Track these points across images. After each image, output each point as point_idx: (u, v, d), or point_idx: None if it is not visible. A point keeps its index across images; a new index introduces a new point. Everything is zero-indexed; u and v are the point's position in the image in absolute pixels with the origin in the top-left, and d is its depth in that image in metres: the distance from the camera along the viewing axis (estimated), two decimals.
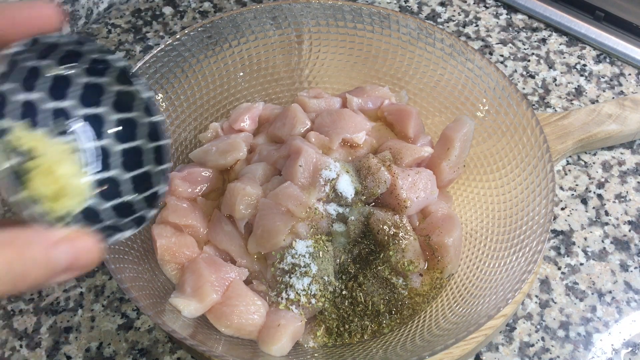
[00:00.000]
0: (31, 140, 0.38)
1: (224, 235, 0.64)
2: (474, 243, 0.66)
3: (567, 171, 0.80)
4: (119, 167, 0.44)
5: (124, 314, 0.68)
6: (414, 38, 0.74)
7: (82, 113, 0.43)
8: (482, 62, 0.70)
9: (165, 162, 0.44)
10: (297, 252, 0.60)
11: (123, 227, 0.41)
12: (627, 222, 0.75)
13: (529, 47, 0.93)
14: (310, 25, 0.76)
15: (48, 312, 0.68)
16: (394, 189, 0.63)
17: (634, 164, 0.80)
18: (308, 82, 0.80)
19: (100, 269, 0.71)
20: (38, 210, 0.36)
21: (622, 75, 0.89)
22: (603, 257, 0.72)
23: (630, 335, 0.66)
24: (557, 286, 0.70)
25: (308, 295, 0.59)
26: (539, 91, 0.88)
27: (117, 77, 0.42)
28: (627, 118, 0.79)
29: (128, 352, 0.65)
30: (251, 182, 0.64)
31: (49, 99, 0.41)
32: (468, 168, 0.71)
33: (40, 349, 0.65)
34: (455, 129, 0.67)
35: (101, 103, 0.43)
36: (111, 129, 0.44)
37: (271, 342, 0.57)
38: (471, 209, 0.69)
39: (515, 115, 0.67)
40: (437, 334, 0.56)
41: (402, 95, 0.76)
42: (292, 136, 0.68)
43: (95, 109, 0.43)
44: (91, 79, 0.42)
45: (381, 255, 0.62)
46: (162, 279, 0.61)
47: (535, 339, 0.66)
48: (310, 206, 0.61)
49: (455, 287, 0.63)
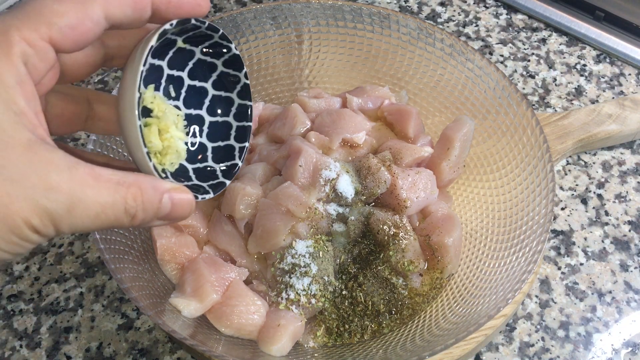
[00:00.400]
0: (157, 103, 0.46)
1: (224, 235, 0.64)
2: (474, 243, 0.66)
3: (567, 171, 0.80)
4: (209, 136, 0.52)
5: (124, 314, 0.68)
6: (414, 38, 0.74)
7: (192, 84, 0.50)
8: (482, 62, 0.70)
9: (246, 140, 0.52)
10: (297, 252, 0.60)
11: (202, 190, 0.47)
12: (627, 222, 0.75)
13: (529, 47, 0.93)
14: (310, 25, 0.76)
15: (48, 312, 0.68)
16: (394, 189, 0.63)
17: (634, 164, 0.80)
18: (308, 82, 0.80)
19: (100, 269, 0.71)
20: (152, 163, 0.42)
21: (622, 75, 0.89)
22: (603, 257, 0.72)
23: (630, 335, 0.66)
24: (557, 286, 0.70)
25: (308, 295, 0.59)
26: (539, 91, 0.88)
27: (228, 61, 0.50)
28: (627, 118, 0.79)
29: (128, 352, 0.65)
30: (251, 182, 0.64)
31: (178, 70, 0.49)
32: (468, 168, 0.71)
33: (40, 349, 0.65)
34: (455, 129, 0.67)
35: (209, 79, 0.51)
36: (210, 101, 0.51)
37: (271, 342, 0.57)
38: (471, 209, 0.69)
39: (515, 115, 0.67)
40: (437, 334, 0.56)
41: (402, 95, 0.76)
42: (292, 136, 0.68)
43: (204, 83, 0.51)
44: (207, 58, 0.49)
45: (381, 255, 0.62)
46: (162, 279, 0.61)
47: (535, 339, 0.66)
48: (310, 206, 0.61)
49: (455, 287, 0.63)
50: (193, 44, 0.48)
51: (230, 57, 0.50)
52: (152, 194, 0.39)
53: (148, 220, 0.40)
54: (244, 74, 0.51)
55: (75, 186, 0.35)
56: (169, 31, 0.43)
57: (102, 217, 0.37)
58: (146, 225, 0.41)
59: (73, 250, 0.73)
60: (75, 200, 0.35)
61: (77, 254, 0.72)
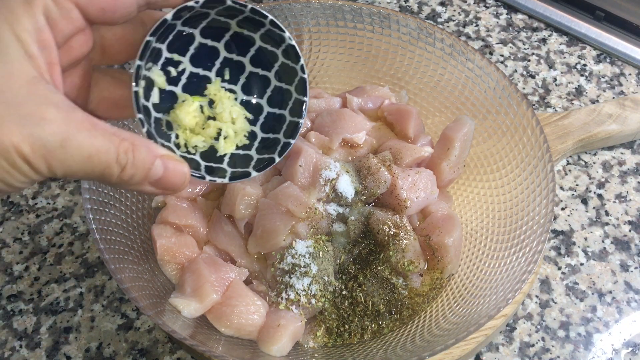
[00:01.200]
0: (220, 96, 0.50)
1: (224, 235, 0.64)
2: (474, 243, 0.66)
3: (568, 171, 0.80)
4: (263, 126, 0.53)
5: (124, 314, 0.67)
6: (414, 38, 0.74)
7: (254, 71, 0.52)
8: (482, 62, 0.69)
9: (294, 137, 0.52)
10: (297, 252, 0.59)
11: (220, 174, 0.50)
12: (628, 222, 0.75)
13: (529, 47, 0.93)
14: (310, 25, 0.75)
15: (48, 312, 0.68)
16: (394, 189, 0.63)
17: (634, 164, 0.80)
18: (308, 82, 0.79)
19: (100, 269, 0.71)
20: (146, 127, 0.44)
21: (622, 75, 0.89)
22: (603, 257, 0.72)
23: (631, 336, 0.66)
24: (557, 286, 0.70)
25: (308, 296, 0.59)
26: (539, 91, 0.88)
27: (286, 51, 0.51)
28: (628, 118, 0.79)
29: (128, 352, 0.65)
30: (251, 182, 0.64)
31: (232, 53, 0.51)
32: (468, 168, 0.71)
33: (40, 349, 0.65)
34: (455, 129, 0.67)
35: (270, 68, 0.52)
36: (271, 91, 0.53)
37: (271, 343, 0.57)
38: (471, 209, 0.69)
39: (515, 115, 0.67)
40: (437, 334, 0.56)
41: (402, 95, 0.76)
42: None
43: (267, 73, 0.52)
44: (267, 45, 0.51)
45: (381, 256, 0.62)
46: (162, 279, 0.61)
47: (535, 339, 0.66)
48: (310, 206, 0.61)
49: (455, 287, 0.63)
50: (250, 29, 0.50)
51: (288, 47, 0.50)
52: (145, 153, 0.40)
53: (138, 180, 0.40)
54: (301, 66, 0.51)
55: (70, 125, 0.36)
56: (194, 8, 0.44)
57: (95, 161, 0.37)
58: (136, 186, 0.41)
59: (73, 250, 0.73)
60: (69, 137, 0.35)
61: (77, 254, 0.72)
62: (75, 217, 0.75)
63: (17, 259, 0.72)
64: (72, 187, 0.78)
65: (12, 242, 0.73)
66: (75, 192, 0.78)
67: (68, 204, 0.77)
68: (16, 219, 0.75)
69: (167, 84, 0.47)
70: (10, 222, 0.75)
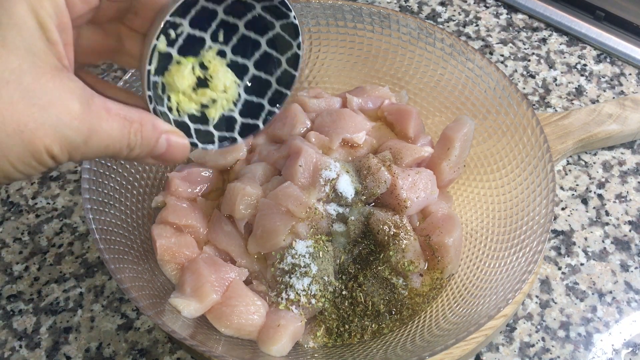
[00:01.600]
0: (214, 64, 0.50)
1: (224, 235, 0.64)
2: (474, 243, 0.66)
3: (568, 171, 0.80)
4: (247, 89, 0.53)
5: (124, 314, 0.67)
6: (414, 38, 0.74)
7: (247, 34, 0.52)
8: (482, 62, 0.69)
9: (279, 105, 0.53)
10: (297, 252, 0.59)
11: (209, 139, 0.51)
12: (628, 222, 0.75)
13: (529, 47, 0.93)
14: (310, 25, 0.75)
15: (48, 312, 0.68)
16: (394, 189, 0.63)
17: (635, 164, 0.80)
18: (308, 82, 0.80)
19: (100, 269, 0.71)
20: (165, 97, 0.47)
21: (622, 75, 0.89)
22: (603, 257, 0.72)
23: (631, 336, 0.66)
24: (557, 286, 0.70)
25: (308, 296, 0.59)
26: (539, 91, 0.88)
27: (286, 26, 0.52)
28: (628, 118, 0.79)
29: (128, 352, 0.65)
30: (251, 182, 0.64)
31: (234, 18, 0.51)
32: (468, 168, 0.71)
33: (40, 349, 0.65)
34: (455, 129, 0.67)
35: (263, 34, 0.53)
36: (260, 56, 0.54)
37: (271, 343, 0.57)
38: (471, 209, 0.69)
39: (515, 115, 0.67)
40: (437, 334, 0.56)
41: (402, 95, 0.76)
42: (292, 136, 0.68)
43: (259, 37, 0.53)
44: (266, 15, 0.51)
45: (381, 256, 0.62)
46: (162, 279, 0.61)
47: (535, 339, 0.66)
48: (310, 206, 0.61)
49: (455, 287, 0.63)
50: None
51: (291, 25, 0.51)
52: (151, 131, 0.42)
53: (143, 156, 0.43)
54: (298, 44, 0.52)
55: (93, 119, 0.38)
56: None
57: (110, 149, 0.40)
58: (139, 160, 0.43)
59: (73, 250, 0.73)
60: (92, 132, 0.38)
61: (77, 254, 0.72)
62: (75, 217, 0.75)
63: (17, 259, 0.72)
64: (72, 187, 0.78)
65: (12, 242, 0.73)
66: (75, 192, 0.78)
67: (68, 204, 0.76)
68: (16, 219, 0.75)
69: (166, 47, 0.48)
70: (10, 222, 0.75)
